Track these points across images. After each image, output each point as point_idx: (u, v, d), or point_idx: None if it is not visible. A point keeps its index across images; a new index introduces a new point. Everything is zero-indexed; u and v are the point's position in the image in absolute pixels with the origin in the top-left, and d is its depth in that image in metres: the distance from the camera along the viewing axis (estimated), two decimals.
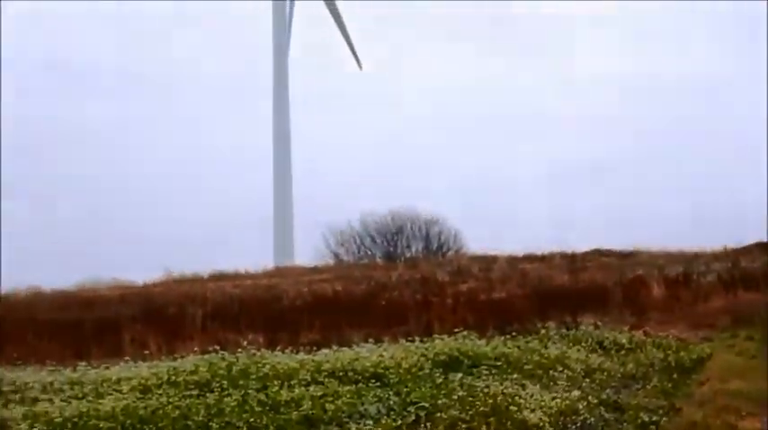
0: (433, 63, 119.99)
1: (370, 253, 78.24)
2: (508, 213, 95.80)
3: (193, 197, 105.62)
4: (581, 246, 56.41)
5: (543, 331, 33.19)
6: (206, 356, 25.30)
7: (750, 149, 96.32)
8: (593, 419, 19.19)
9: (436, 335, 29.42)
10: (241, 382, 21.36)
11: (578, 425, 18.77)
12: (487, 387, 20.88)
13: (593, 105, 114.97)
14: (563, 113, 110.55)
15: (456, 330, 29.85)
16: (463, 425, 17.67)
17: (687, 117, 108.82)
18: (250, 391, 20.36)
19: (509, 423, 17.94)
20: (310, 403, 19.07)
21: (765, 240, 52.96)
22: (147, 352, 31.96)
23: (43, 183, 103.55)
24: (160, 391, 20.69)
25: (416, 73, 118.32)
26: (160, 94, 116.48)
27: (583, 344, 30.76)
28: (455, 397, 19.78)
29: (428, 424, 17.87)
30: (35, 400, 20.78)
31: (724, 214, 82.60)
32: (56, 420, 18.01)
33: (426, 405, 19.13)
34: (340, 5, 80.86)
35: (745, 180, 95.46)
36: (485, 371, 23.56)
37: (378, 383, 21.75)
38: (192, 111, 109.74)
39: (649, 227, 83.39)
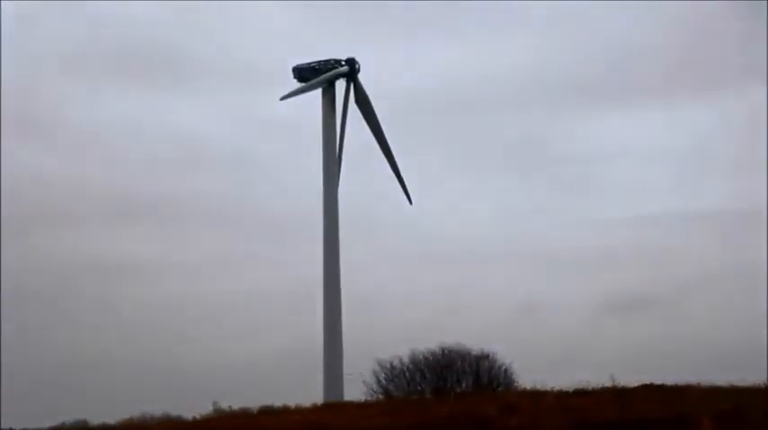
0: (476, 195, 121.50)
1: (419, 388, 78.06)
2: (559, 347, 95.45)
3: (244, 331, 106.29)
4: (631, 380, 56.04)
5: None
6: None
7: None
8: None
9: None
10: None
11: None
12: None
13: (637, 241, 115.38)
14: (606, 250, 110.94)
15: None
16: None
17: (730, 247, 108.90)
18: None
19: None
20: None
21: None
22: None
23: (90, 313, 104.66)
24: None
25: (458, 207, 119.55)
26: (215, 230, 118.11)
27: None
28: None
29: None
30: None
31: None
32: None
33: None
34: (392, 143, 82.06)
35: None
36: None
37: None
38: (245, 247, 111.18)
39: (698, 360, 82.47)
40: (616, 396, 51.45)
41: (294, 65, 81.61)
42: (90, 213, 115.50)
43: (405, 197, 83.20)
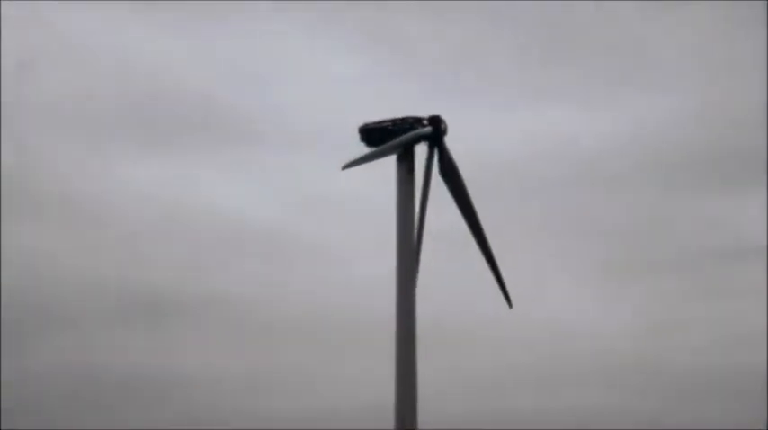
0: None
1: None
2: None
3: None
4: None
5: None
6: None
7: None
8: None
9: None
10: None
11: None
12: None
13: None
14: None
15: None
16: None
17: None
18: None
19: None
20: None
21: None
22: None
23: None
24: None
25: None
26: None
27: None
28: None
29: None
30: None
31: None
32: None
33: None
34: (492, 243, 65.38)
35: None
36: None
37: None
38: (293, 359, 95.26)
39: None
40: None
41: (360, 124, 64.57)
42: (102, 313, 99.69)
43: (503, 298, 65.59)
